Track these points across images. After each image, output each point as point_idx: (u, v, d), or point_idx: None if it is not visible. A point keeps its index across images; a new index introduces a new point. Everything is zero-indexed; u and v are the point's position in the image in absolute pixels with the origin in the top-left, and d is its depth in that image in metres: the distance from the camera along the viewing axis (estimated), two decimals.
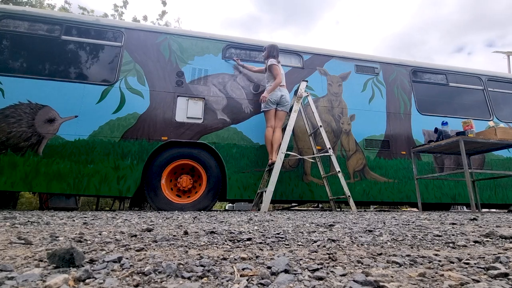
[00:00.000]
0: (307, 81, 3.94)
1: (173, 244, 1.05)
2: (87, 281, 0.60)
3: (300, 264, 0.77)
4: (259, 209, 3.50)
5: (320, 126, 3.74)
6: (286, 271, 0.68)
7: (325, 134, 3.72)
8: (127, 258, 0.79)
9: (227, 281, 0.62)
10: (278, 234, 1.31)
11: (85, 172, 3.33)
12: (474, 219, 2.14)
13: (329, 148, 3.63)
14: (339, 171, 3.57)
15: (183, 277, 0.64)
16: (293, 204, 5.77)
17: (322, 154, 3.78)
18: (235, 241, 1.13)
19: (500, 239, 1.21)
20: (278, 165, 3.42)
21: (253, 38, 5.10)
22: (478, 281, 0.63)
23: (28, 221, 1.78)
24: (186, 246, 1.02)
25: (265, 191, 3.35)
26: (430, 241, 1.16)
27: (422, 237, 1.24)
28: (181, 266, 0.73)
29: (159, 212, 2.99)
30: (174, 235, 1.25)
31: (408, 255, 0.88)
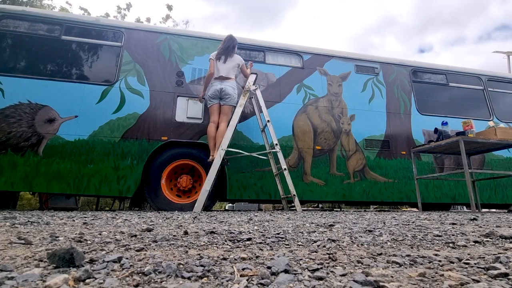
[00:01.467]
0: (256, 74, 3.83)
1: (173, 244, 1.05)
2: (87, 281, 0.60)
3: (300, 264, 0.77)
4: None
5: (268, 121, 3.57)
6: (286, 271, 0.68)
7: (272, 129, 3.56)
8: (127, 258, 0.79)
9: (227, 281, 0.62)
10: (278, 234, 1.31)
11: (85, 172, 3.33)
12: (474, 219, 2.14)
13: (276, 144, 3.51)
14: (285, 169, 3.45)
15: (183, 277, 0.64)
16: (293, 204, 5.77)
17: (272, 150, 3.65)
18: (235, 241, 1.13)
19: (500, 239, 1.21)
20: (217, 163, 3.31)
21: (253, 38, 5.11)
22: (478, 281, 0.63)
23: (28, 221, 1.78)
24: (186, 246, 1.02)
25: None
26: (430, 241, 1.16)
27: (422, 237, 1.24)
28: (181, 266, 0.73)
29: (159, 212, 2.99)
30: (174, 235, 1.25)
31: (408, 255, 0.88)
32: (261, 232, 1.39)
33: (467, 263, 0.79)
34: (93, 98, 3.54)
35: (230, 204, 14.81)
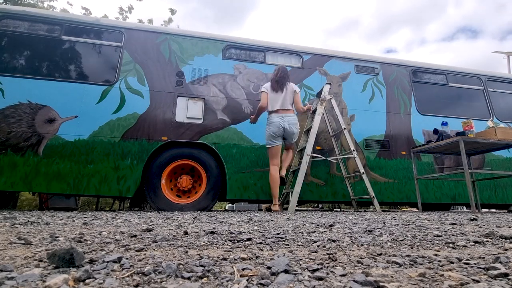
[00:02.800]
0: (330, 83, 3.95)
1: (173, 244, 1.05)
2: (87, 281, 0.60)
3: (300, 264, 0.77)
4: (285, 209, 3.59)
5: (344, 128, 3.76)
6: (286, 271, 0.68)
7: (349, 136, 3.76)
8: (127, 258, 0.79)
9: (227, 281, 0.62)
10: (278, 234, 1.31)
11: (85, 172, 3.33)
12: (474, 219, 2.14)
13: (353, 150, 3.69)
14: (363, 173, 3.61)
15: (183, 277, 0.64)
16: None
17: (346, 156, 3.86)
18: (235, 241, 1.13)
19: (500, 239, 1.21)
20: (304, 167, 3.43)
21: (253, 38, 5.12)
22: (478, 281, 0.63)
23: (28, 221, 1.78)
24: (186, 246, 1.02)
25: (291, 192, 3.41)
26: (430, 241, 1.16)
27: (422, 237, 1.24)
28: (181, 266, 0.73)
29: (159, 212, 2.99)
30: (174, 235, 1.25)
31: (408, 255, 0.88)
32: (261, 232, 1.39)
33: (467, 263, 0.79)
34: (93, 98, 3.54)
35: (230, 204, 14.82)
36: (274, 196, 3.38)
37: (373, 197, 3.58)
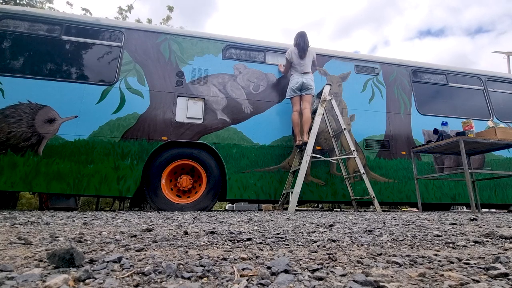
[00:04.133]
0: (330, 84, 4.04)
1: (173, 244, 1.05)
2: (87, 281, 0.60)
3: (300, 264, 0.77)
4: (285, 209, 3.59)
5: (344, 129, 3.82)
6: (286, 271, 0.68)
7: (349, 136, 3.80)
8: (127, 258, 0.79)
9: (227, 281, 0.62)
10: (278, 234, 1.31)
11: (85, 172, 3.33)
12: (474, 219, 2.14)
13: (353, 150, 3.73)
14: (363, 173, 3.64)
15: (183, 277, 0.64)
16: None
17: (346, 156, 3.88)
18: (235, 241, 1.13)
19: (500, 239, 1.21)
20: (304, 167, 3.48)
21: (253, 38, 5.12)
22: (478, 281, 0.63)
23: (28, 221, 1.78)
24: (186, 246, 1.02)
25: (291, 192, 3.42)
26: (430, 241, 1.16)
27: (422, 237, 1.24)
28: (181, 266, 0.73)
29: (159, 212, 2.99)
30: (174, 235, 1.25)
31: (408, 255, 0.88)
32: (261, 232, 1.39)
33: (467, 263, 0.79)
34: (93, 98, 3.54)
35: (230, 204, 14.82)
36: (297, 133, 3.88)
37: (374, 197, 3.58)
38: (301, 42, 4.00)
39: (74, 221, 1.88)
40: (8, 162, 3.18)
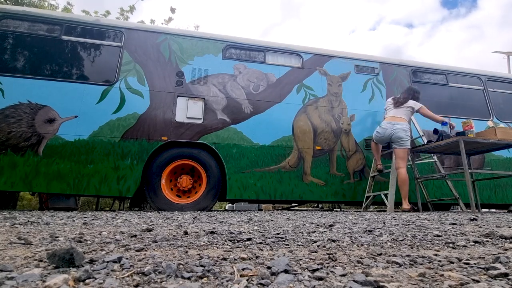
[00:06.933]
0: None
1: (173, 244, 1.05)
2: (87, 281, 0.60)
3: (300, 264, 0.77)
4: (367, 210, 3.89)
5: (422, 135, 3.98)
6: (286, 271, 0.68)
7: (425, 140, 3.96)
8: (127, 258, 0.79)
9: (227, 281, 0.62)
10: (278, 234, 1.31)
11: (85, 172, 3.33)
12: (474, 219, 2.14)
13: (433, 154, 3.94)
14: (445, 175, 3.88)
15: (183, 277, 0.64)
16: (293, 204, 5.77)
17: (427, 161, 4.06)
18: (235, 241, 1.13)
19: (500, 239, 1.21)
20: (395, 172, 3.72)
21: (253, 38, 5.11)
22: (478, 281, 0.63)
23: (28, 221, 1.78)
24: (186, 246, 1.02)
25: (386, 194, 3.70)
26: (430, 241, 1.16)
27: (422, 237, 1.24)
28: (181, 266, 0.73)
29: (159, 212, 2.99)
30: (174, 235, 1.25)
31: (408, 255, 0.88)
32: (261, 232, 1.39)
33: (467, 263, 0.79)
34: (93, 98, 3.54)
35: (230, 204, 14.81)
36: (376, 158, 3.93)
37: (458, 197, 3.85)
38: (406, 94, 3.91)
39: (74, 221, 1.88)
40: (8, 162, 3.18)
